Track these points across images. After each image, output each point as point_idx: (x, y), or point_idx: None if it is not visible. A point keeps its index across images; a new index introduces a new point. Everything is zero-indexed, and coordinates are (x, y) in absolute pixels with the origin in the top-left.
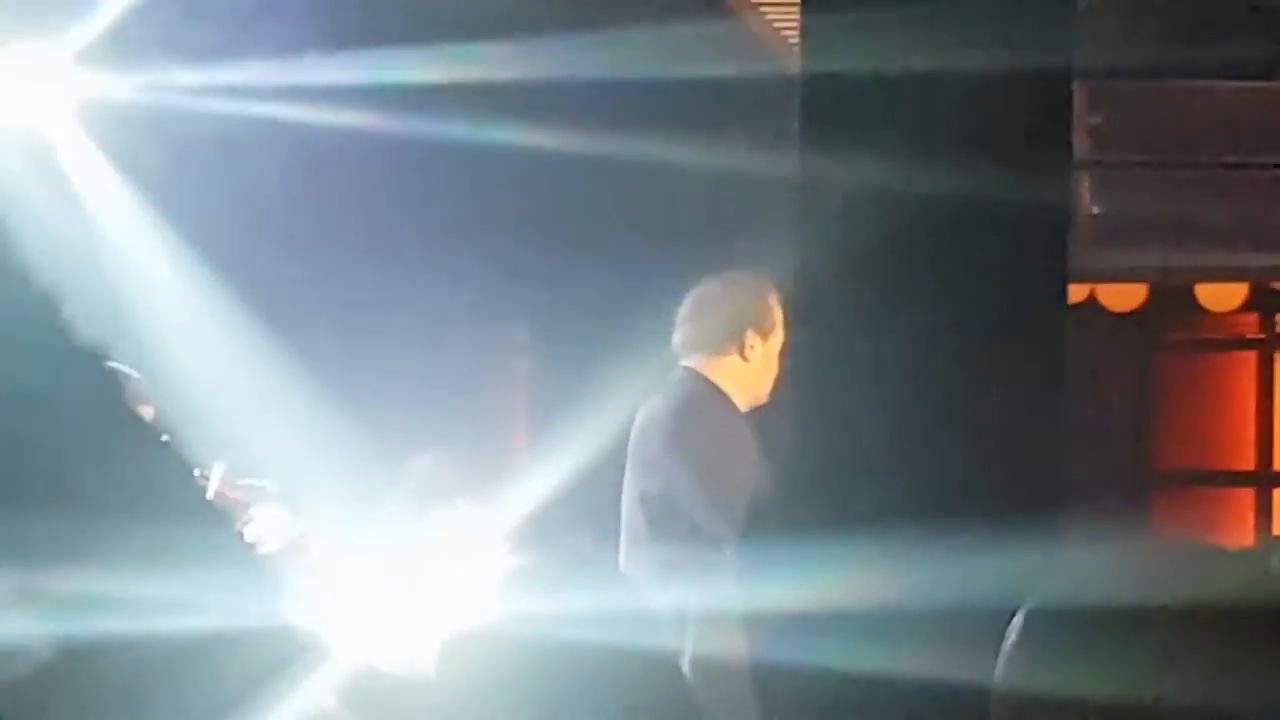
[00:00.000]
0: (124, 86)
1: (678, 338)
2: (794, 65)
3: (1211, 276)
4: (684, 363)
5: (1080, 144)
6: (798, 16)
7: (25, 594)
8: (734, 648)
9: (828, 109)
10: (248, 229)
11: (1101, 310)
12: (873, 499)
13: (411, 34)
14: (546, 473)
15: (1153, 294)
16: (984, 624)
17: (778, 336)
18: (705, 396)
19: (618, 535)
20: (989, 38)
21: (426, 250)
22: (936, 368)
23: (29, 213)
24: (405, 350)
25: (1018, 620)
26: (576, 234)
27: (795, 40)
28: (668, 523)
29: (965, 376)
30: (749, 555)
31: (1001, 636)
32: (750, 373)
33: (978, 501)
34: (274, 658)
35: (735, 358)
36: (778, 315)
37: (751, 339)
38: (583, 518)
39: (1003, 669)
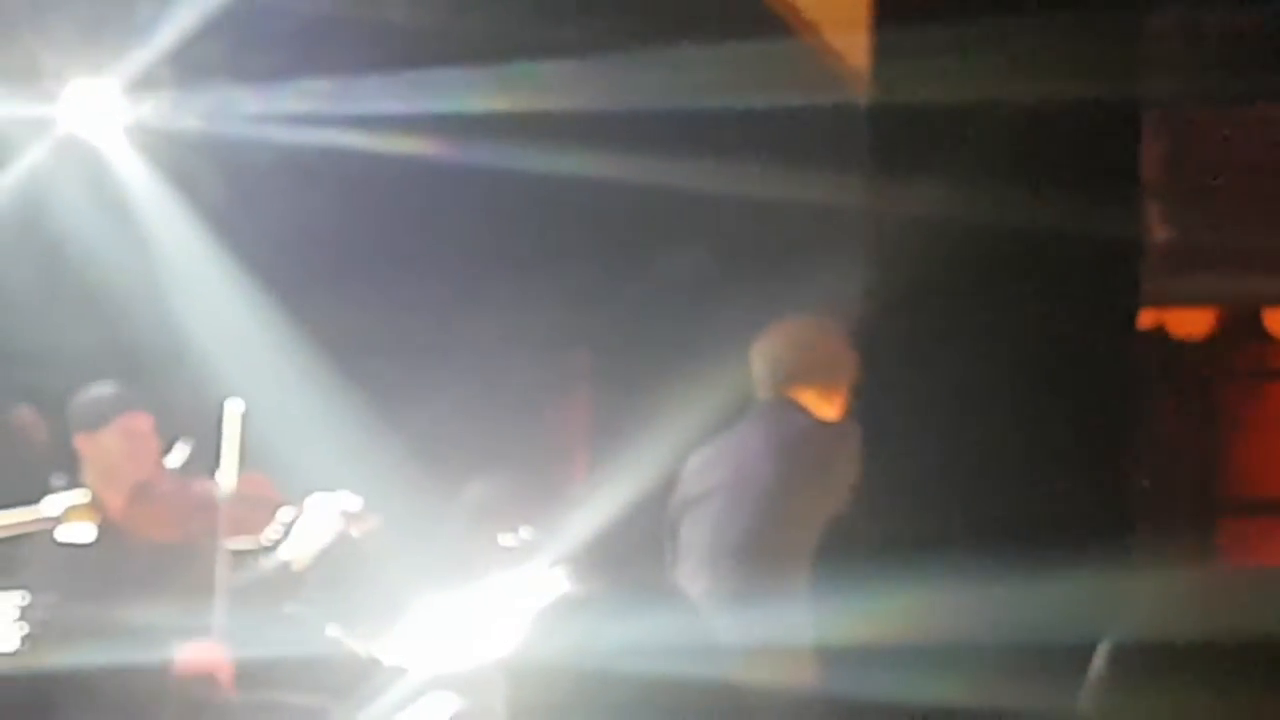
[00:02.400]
0: (183, 113)
1: (772, 369)
2: (860, 92)
3: None
4: (783, 393)
5: (1148, 170)
6: (865, 43)
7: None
8: (803, 677)
9: (896, 136)
10: (306, 255)
11: (1169, 337)
12: (943, 527)
13: (471, 60)
14: (607, 499)
15: (1220, 321)
16: (1051, 653)
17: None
18: (813, 429)
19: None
20: (1057, 64)
21: (488, 277)
22: (1006, 396)
23: (89, 240)
24: (467, 377)
25: (1103, 651)
26: (639, 261)
27: (862, 67)
28: (758, 550)
29: (1036, 404)
30: (819, 583)
31: (1069, 665)
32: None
33: (1047, 531)
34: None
35: (836, 397)
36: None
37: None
38: (643, 545)
39: (1091, 700)
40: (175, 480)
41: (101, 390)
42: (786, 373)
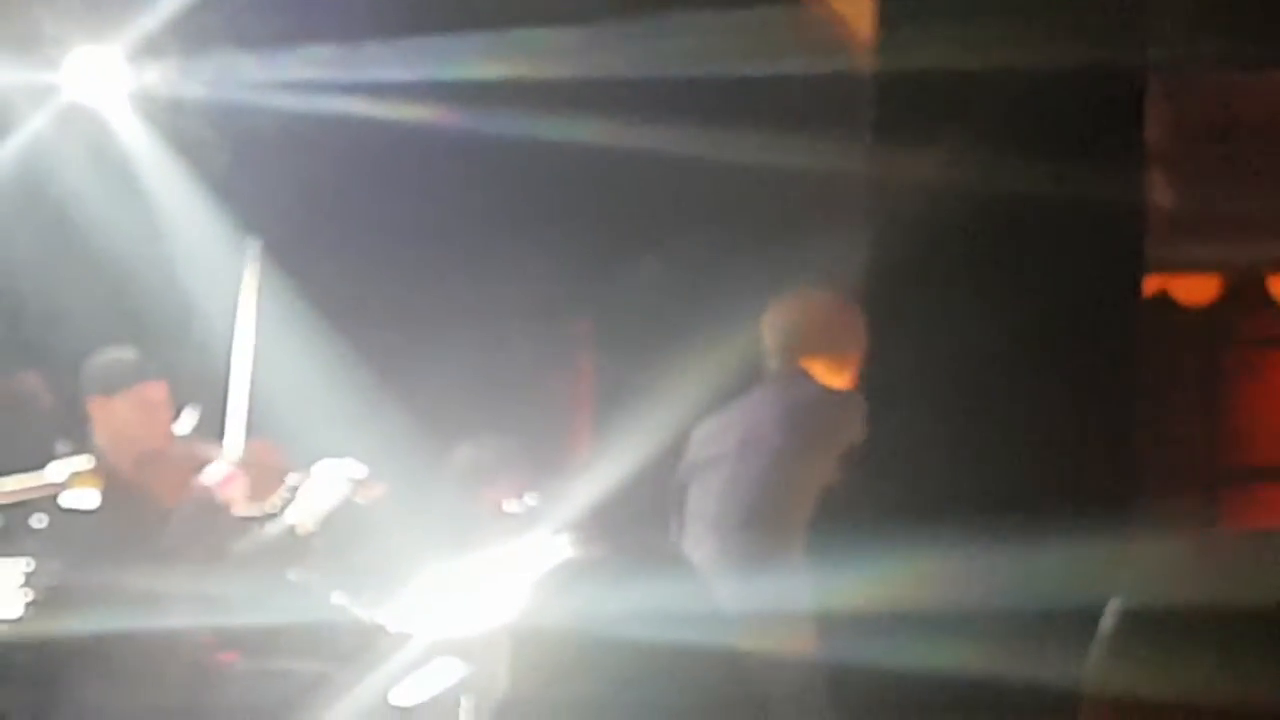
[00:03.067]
0: (186, 79)
1: (783, 339)
2: (865, 59)
3: None
4: (794, 363)
5: (1152, 136)
6: (871, 9)
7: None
8: (806, 643)
9: (900, 103)
10: (309, 221)
11: (1173, 304)
12: (946, 493)
13: (475, 27)
14: (610, 467)
15: (1225, 287)
16: (1054, 619)
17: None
18: (822, 398)
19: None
20: (1063, 31)
21: (489, 244)
22: (1010, 360)
23: (93, 207)
24: (467, 343)
25: (1110, 615)
26: (640, 229)
27: (867, 34)
28: (766, 516)
29: (1039, 368)
30: (820, 550)
31: (1072, 630)
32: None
33: (1050, 496)
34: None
35: (847, 367)
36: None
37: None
38: (646, 512)
39: (1096, 663)
40: (184, 446)
41: (119, 355)
42: (798, 343)
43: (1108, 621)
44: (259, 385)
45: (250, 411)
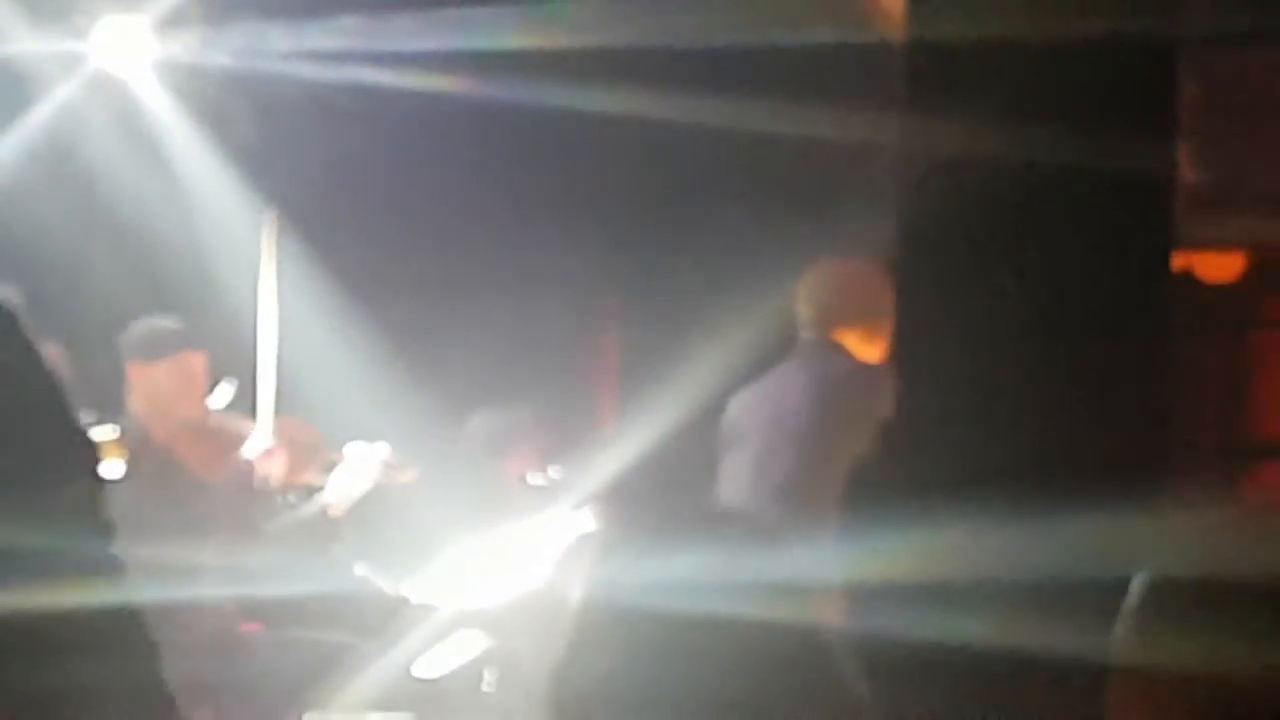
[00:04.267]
0: (212, 49)
1: (815, 310)
2: (895, 30)
3: None
4: (826, 334)
5: (1181, 110)
6: None
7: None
8: (837, 617)
9: (931, 74)
10: (335, 193)
11: (1198, 282)
12: (974, 465)
13: None
14: (633, 439)
15: (1251, 265)
16: (1079, 592)
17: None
18: (854, 371)
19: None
20: (1093, 4)
21: (517, 216)
22: (1037, 335)
23: (119, 177)
24: (495, 316)
25: (1138, 587)
26: (670, 201)
27: (898, 4)
28: (796, 492)
29: (1066, 344)
30: (849, 522)
31: (1098, 604)
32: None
33: (1077, 469)
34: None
35: (880, 338)
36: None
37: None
38: (671, 487)
39: (1125, 636)
40: (219, 419)
41: (161, 323)
42: (830, 314)
43: (1134, 594)
44: (285, 358)
45: (277, 384)
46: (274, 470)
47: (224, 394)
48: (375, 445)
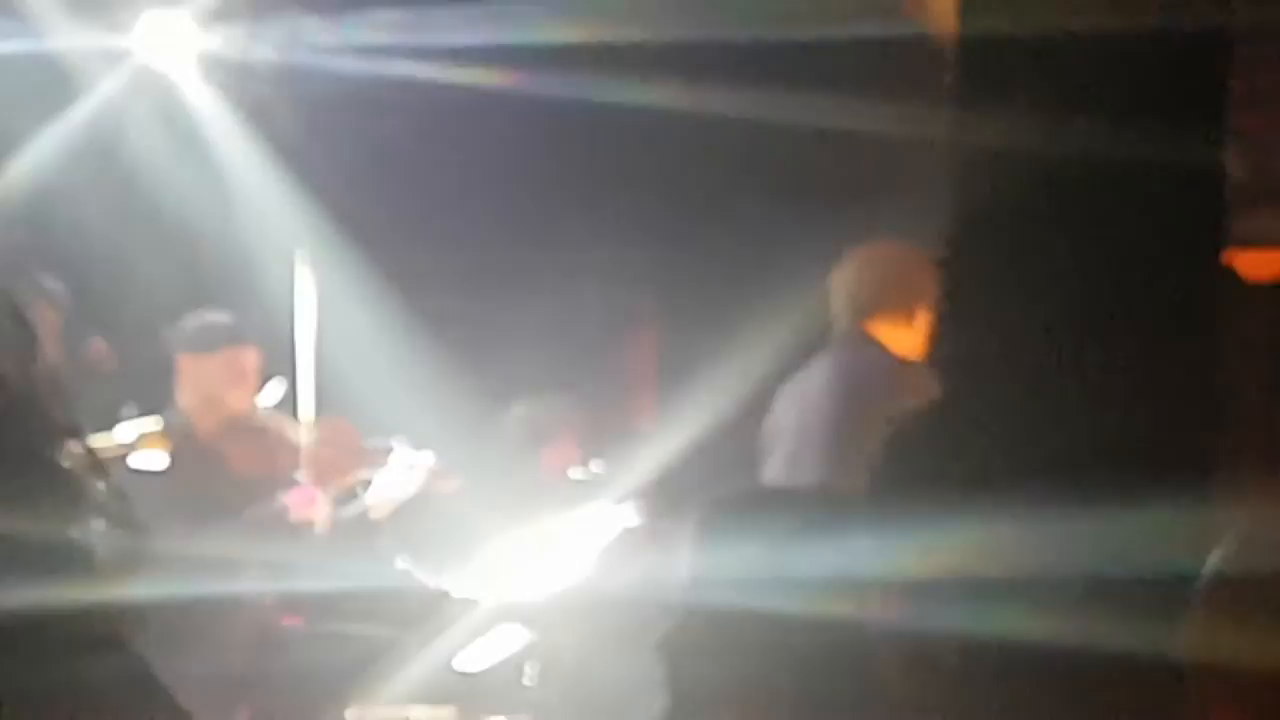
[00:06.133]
0: (255, 44)
1: (848, 298)
2: (943, 25)
3: None
4: (859, 324)
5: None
6: None
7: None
8: (877, 612)
9: (982, 65)
10: (377, 188)
11: (1238, 280)
12: (1021, 458)
13: None
14: (674, 434)
15: None
16: (1132, 585)
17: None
18: (884, 368)
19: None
20: None
21: (556, 211)
22: (1086, 331)
23: (162, 171)
24: (536, 310)
25: (1205, 583)
26: (711, 195)
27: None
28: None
29: (1116, 339)
30: (891, 516)
31: (1153, 597)
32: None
33: (1125, 465)
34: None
35: (916, 323)
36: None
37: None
38: (709, 480)
39: (1192, 635)
40: (267, 417)
41: (216, 317)
42: (859, 301)
43: (1201, 588)
44: (326, 352)
45: (318, 380)
46: (316, 516)
47: (274, 392)
48: (421, 453)
